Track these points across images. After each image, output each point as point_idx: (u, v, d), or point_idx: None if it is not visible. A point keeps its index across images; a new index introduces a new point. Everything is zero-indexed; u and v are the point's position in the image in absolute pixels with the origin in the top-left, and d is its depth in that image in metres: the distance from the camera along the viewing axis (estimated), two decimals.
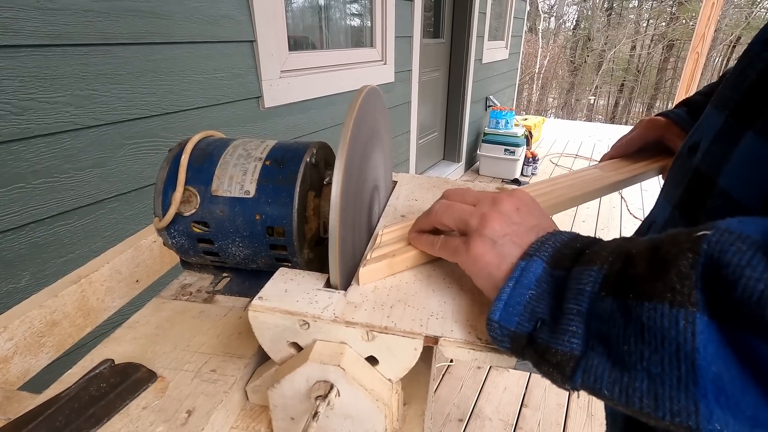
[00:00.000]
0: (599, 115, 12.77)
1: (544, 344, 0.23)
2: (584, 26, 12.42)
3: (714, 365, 0.18)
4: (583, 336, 0.22)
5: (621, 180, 0.49)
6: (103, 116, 0.88)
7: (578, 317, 0.23)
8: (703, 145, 0.35)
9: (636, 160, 0.54)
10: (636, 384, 0.20)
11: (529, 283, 0.25)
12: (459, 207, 0.31)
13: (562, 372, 0.23)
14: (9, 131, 0.73)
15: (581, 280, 0.23)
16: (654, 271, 0.21)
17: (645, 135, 0.54)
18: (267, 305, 0.29)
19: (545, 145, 4.75)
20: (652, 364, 0.20)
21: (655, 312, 0.20)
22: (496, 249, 0.27)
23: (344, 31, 1.86)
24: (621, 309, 0.21)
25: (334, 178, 0.29)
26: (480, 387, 1.50)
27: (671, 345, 0.19)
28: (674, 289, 0.20)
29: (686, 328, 0.19)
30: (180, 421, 0.28)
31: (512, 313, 0.25)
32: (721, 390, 0.18)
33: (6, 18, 0.70)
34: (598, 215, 2.97)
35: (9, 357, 0.38)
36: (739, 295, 0.18)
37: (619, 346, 0.21)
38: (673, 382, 0.19)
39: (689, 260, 0.20)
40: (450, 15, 3.01)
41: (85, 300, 0.46)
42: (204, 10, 1.05)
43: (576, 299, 0.23)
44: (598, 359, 0.22)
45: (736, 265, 0.18)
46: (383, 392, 0.28)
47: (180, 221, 0.38)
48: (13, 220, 0.77)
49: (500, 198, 0.30)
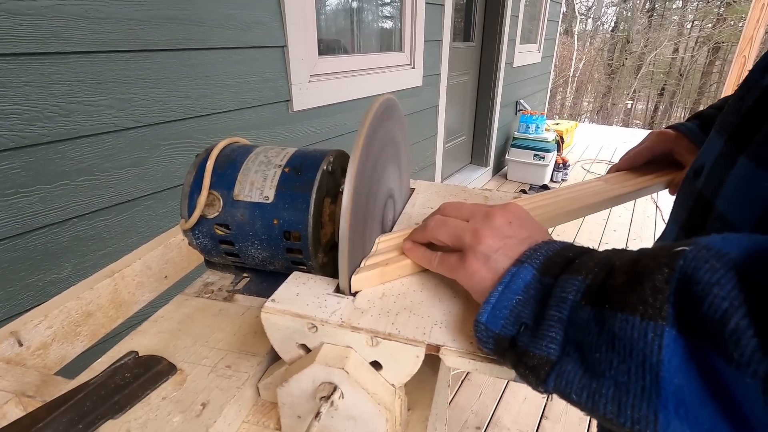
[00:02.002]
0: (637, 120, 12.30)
1: (524, 348, 0.24)
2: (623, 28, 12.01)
3: (677, 378, 0.19)
4: (560, 342, 0.23)
5: (624, 193, 0.48)
6: (141, 118, 0.93)
7: (558, 324, 0.24)
8: (706, 168, 0.35)
9: (643, 173, 0.53)
10: (603, 391, 0.21)
11: (517, 288, 0.26)
12: (453, 223, 0.32)
13: (537, 375, 0.24)
14: (57, 132, 0.79)
15: (565, 288, 0.24)
16: (630, 284, 0.22)
17: (653, 148, 0.53)
18: (279, 307, 0.30)
19: (577, 151, 4.62)
20: (619, 373, 0.21)
21: (627, 323, 0.21)
22: (489, 264, 0.28)
23: (373, 36, 1.88)
24: (597, 318, 0.22)
25: (345, 188, 0.30)
26: (499, 396, 1.48)
27: (638, 356, 0.20)
28: (646, 302, 0.20)
29: (654, 340, 0.20)
30: (195, 412, 0.30)
31: (498, 316, 0.26)
32: (681, 402, 0.19)
33: (58, 27, 0.76)
34: (631, 224, 2.87)
35: (48, 343, 0.42)
36: (704, 311, 0.18)
37: (592, 353, 0.22)
38: (637, 391, 0.20)
39: (665, 275, 0.20)
40: (481, 18, 2.99)
41: (117, 293, 0.49)
42: (238, 17, 1.10)
43: (558, 306, 0.24)
44: (571, 365, 0.23)
45: (706, 283, 0.19)
46: (385, 396, 0.29)
47: (204, 223, 0.40)
48: (58, 215, 0.82)
49: (492, 212, 0.31)
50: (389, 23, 1.92)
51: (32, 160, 0.77)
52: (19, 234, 0.77)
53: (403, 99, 1.97)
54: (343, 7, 1.67)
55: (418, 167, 2.30)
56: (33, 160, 0.77)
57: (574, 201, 0.47)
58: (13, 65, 0.72)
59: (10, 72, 0.71)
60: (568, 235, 2.69)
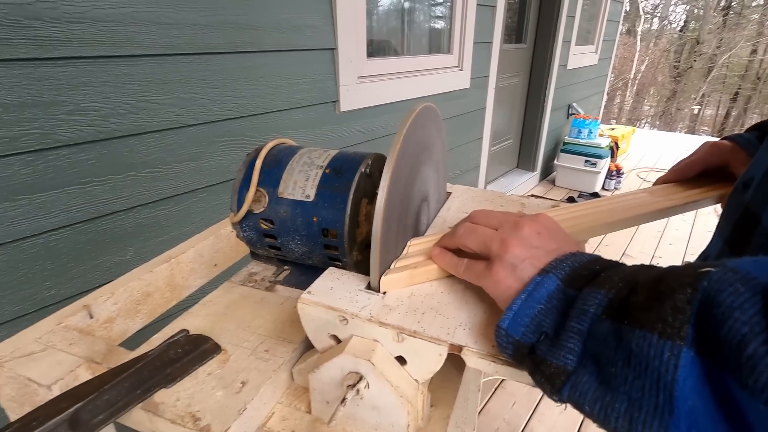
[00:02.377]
0: (705, 127, 11.42)
1: (542, 356, 0.25)
2: (693, 27, 11.18)
3: (691, 398, 0.19)
4: (578, 353, 0.24)
5: (670, 207, 0.46)
6: (200, 116, 1.00)
7: (578, 336, 0.24)
8: (755, 181, 0.33)
9: (693, 186, 0.50)
10: (615, 405, 0.21)
11: (540, 297, 0.27)
12: (482, 231, 0.32)
13: (552, 384, 0.24)
14: (127, 128, 0.87)
15: (587, 301, 0.25)
16: (651, 302, 0.22)
17: (706, 159, 0.50)
18: (313, 299, 0.33)
19: (633, 158, 4.38)
20: (633, 389, 0.21)
21: (644, 340, 0.21)
22: (516, 273, 0.29)
23: (421, 38, 1.89)
24: (615, 333, 0.22)
25: (379, 192, 0.32)
26: (534, 406, 1.45)
27: (653, 373, 0.20)
28: (665, 321, 0.20)
29: (669, 359, 0.20)
30: (235, 389, 0.33)
31: (520, 323, 0.26)
32: (694, 423, 0.19)
33: (132, 32, 0.84)
34: (690, 238, 2.68)
35: (113, 318, 0.47)
36: (723, 335, 0.18)
37: (608, 367, 0.22)
38: (650, 408, 0.20)
39: (687, 295, 0.20)
40: (535, 19, 2.91)
41: (173, 277, 0.54)
42: (292, 20, 1.15)
43: (579, 318, 0.24)
44: (587, 377, 0.23)
45: (728, 306, 0.19)
46: (408, 390, 0.31)
47: (251, 217, 0.44)
48: (124, 203, 0.90)
49: (521, 222, 0.31)
50: (438, 25, 1.92)
51: (106, 152, 0.85)
52: (91, 219, 0.86)
53: (449, 101, 1.96)
54: (393, 10, 1.70)
55: (461, 170, 2.29)
56: (106, 152, 0.85)
57: (613, 213, 0.46)
58: (93, 66, 0.80)
59: (90, 73, 0.80)
60: (618, 245, 2.56)
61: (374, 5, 1.60)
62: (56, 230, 0.82)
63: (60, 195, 0.80)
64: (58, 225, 0.82)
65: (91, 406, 0.29)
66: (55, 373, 0.36)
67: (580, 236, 0.42)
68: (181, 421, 0.30)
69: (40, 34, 0.72)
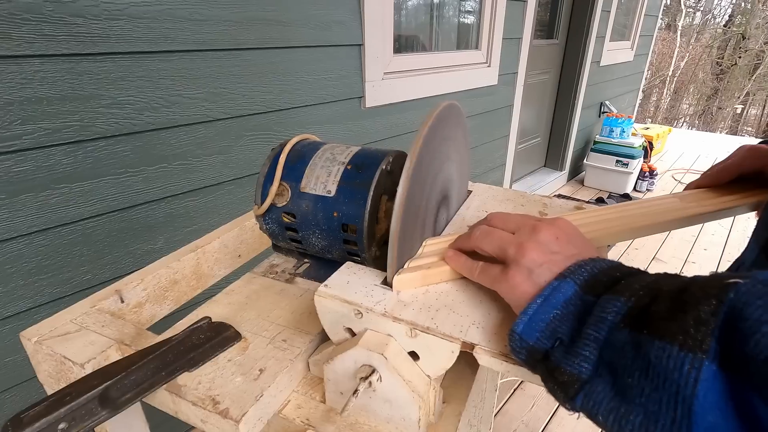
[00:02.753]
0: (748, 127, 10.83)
1: (556, 363, 0.24)
2: (739, 22, 10.59)
3: (711, 415, 0.18)
4: (594, 362, 0.23)
5: (700, 213, 0.44)
6: (229, 110, 1.02)
7: (594, 343, 0.23)
8: None
9: (727, 192, 0.47)
10: (630, 417, 0.21)
11: (557, 302, 0.26)
12: (499, 234, 0.32)
13: (565, 392, 0.24)
14: (161, 121, 0.90)
15: (606, 308, 0.24)
16: (673, 312, 0.21)
17: (742, 164, 0.47)
18: (330, 293, 0.34)
19: (669, 159, 4.21)
20: (650, 401, 0.20)
21: (663, 351, 0.20)
22: (532, 278, 0.28)
23: (449, 34, 1.87)
24: (633, 342, 0.22)
25: (398, 189, 0.33)
26: (554, 410, 1.42)
27: (672, 386, 0.20)
28: (687, 333, 0.20)
29: (690, 372, 0.19)
30: (253, 376, 0.34)
31: (535, 328, 0.26)
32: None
33: (167, 28, 0.87)
34: (726, 244, 2.56)
35: (142, 303, 0.49)
36: (750, 350, 0.18)
37: (624, 377, 0.22)
38: (666, 422, 0.20)
39: (712, 307, 0.20)
40: (567, 14, 2.83)
41: (199, 266, 0.56)
42: (320, 17, 1.16)
43: (596, 326, 0.24)
44: (602, 386, 0.23)
45: (756, 320, 0.18)
46: (420, 385, 0.31)
47: (274, 210, 0.45)
48: (156, 193, 0.94)
49: (539, 227, 0.30)
50: (467, 20, 1.89)
51: (140, 144, 0.88)
52: (125, 208, 0.90)
53: (476, 98, 1.94)
54: (420, 5, 1.68)
55: (486, 168, 2.26)
56: (141, 144, 0.89)
57: (640, 218, 0.45)
58: (130, 62, 0.83)
59: (127, 68, 0.83)
60: (648, 249, 2.48)
61: (402, 1, 1.59)
62: (93, 218, 0.86)
63: (97, 184, 0.84)
64: (95, 213, 0.86)
65: (120, 385, 0.30)
66: (88, 352, 0.38)
67: (605, 241, 0.41)
68: (201, 403, 0.32)
69: (81, 31, 0.75)
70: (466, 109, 2.05)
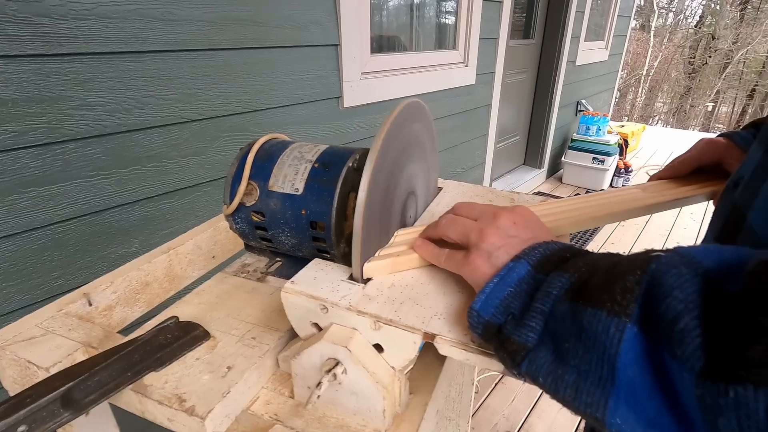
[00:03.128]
0: (720, 124, 11.20)
1: (507, 334, 0.26)
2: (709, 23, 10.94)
3: (630, 370, 0.21)
4: (539, 332, 0.25)
5: (659, 202, 0.47)
6: (204, 111, 1.01)
7: (540, 315, 0.26)
8: (744, 179, 0.34)
9: (686, 182, 0.50)
10: (565, 376, 0.23)
11: (511, 281, 0.28)
12: (462, 222, 0.34)
13: (513, 359, 0.26)
14: (132, 122, 0.89)
15: (552, 284, 0.26)
16: (604, 283, 0.23)
17: (700, 157, 0.51)
18: (296, 288, 0.34)
19: (643, 156, 4.32)
20: (582, 362, 0.23)
21: (594, 317, 0.22)
22: (491, 261, 0.30)
23: (426, 34, 1.89)
24: (572, 311, 0.24)
25: (360, 187, 0.33)
26: (534, 403, 1.45)
27: (600, 347, 0.22)
28: (615, 300, 0.22)
29: (615, 334, 0.21)
30: (221, 374, 0.34)
31: (490, 305, 0.28)
32: (632, 392, 0.21)
33: (138, 28, 0.85)
34: (698, 237, 2.65)
35: (112, 306, 0.49)
36: (662, 312, 0.20)
37: (563, 343, 0.24)
38: (594, 379, 0.22)
39: (636, 277, 0.22)
40: (543, 15, 2.88)
41: (171, 268, 0.55)
42: (296, 17, 1.16)
43: (543, 300, 0.26)
44: (544, 352, 0.25)
45: (669, 286, 0.20)
46: (384, 376, 0.32)
47: (243, 210, 0.45)
48: (130, 196, 0.93)
49: (499, 213, 0.33)
50: (443, 21, 1.91)
51: (112, 146, 0.87)
52: (97, 211, 0.88)
53: (454, 98, 1.96)
54: (397, 5, 1.70)
55: (466, 166, 2.28)
56: (112, 146, 0.87)
57: (602, 207, 0.47)
58: (100, 62, 0.82)
59: (96, 69, 0.82)
60: (625, 243, 2.54)
61: (379, 1, 1.60)
62: (64, 222, 0.84)
63: (67, 187, 0.83)
64: (66, 217, 0.84)
65: (83, 386, 0.30)
66: (54, 356, 0.38)
67: (568, 229, 0.43)
68: (168, 402, 0.32)
69: (48, 31, 0.74)
70: (445, 109, 2.05)
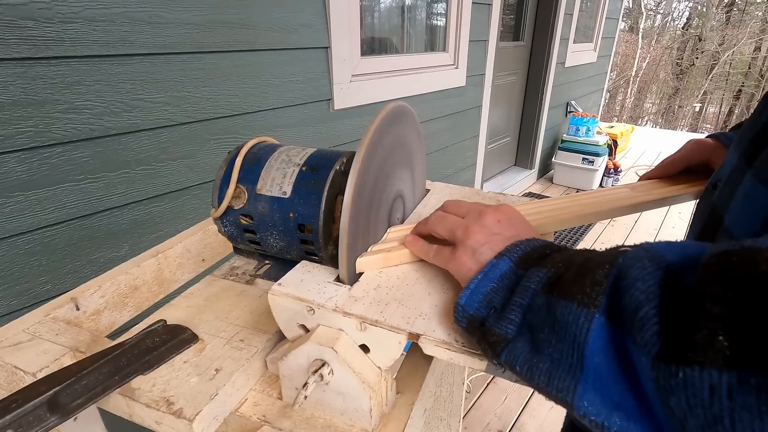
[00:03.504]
0: (707, 125, 11.37)
1: (489, 327, 0.27)
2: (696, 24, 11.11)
3: (597, 357, 0.22)
4: (518, 324, 0.27)
5: (647, 201, 0.48)
6: (194, 114, 1.01)
7: (519, 309, 0.27)
8: (721, 182, 0.35)
9: (674, 182, 0.52)
10: (540, 365, 0.24)
11: (494, 277, 0.29)
12: (450, 219, 0.35)
13: (493, 350, 0.27)
14: (121, 125, 0.89)
15: (531, 278, 0.27)
16: (576, 277, 0.25)
17: (689, 157, 0.52)
18: (283, 291, 0.34)
19: (632, 156, 4.38)
20: (555, 350, 0.24)
21: (566, 309, 0.24)
22: (476, 257, 0.32)
23: (416, 36, 1.90)
24: (547, 304, 0.25)
25: (346, 190, 0.34)
26: (525, 402, 1.47)
27: (570, 336, 0.23)
28: (584, 293, 0.23)
29: (584, 324, 0.23)
30: (209, 376, 0.35)
31: (474, 300, 0.29)
32: (598, 377, 0.22)
33: (125, 32, 0.85)
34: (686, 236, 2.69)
35: (100, 310, 0.49)
36: (626, 302, 0.21)
37: (538, 333, 0.25)
38: (565, 366, 0.23)
39: (605, 270, 0.23)
40: (532, 17, 2.91)
41: (160, 271, 0.55)
42: (286, 20, 1.16)
43: (522, 294, 0.27)
44: (522, 343, 0.26)
45: (632, 278, 0.21)
46: (371, 377, 0.32)
47: (231, 213, 0.45)
48: (119, 200, 0.92)
49: (485, 211, 0.34)
50: (434, 23, 1.93)
51: (100, 150, 0.87)
52: (86, 215, 0.88)
53: (445, 99, 1.97)
54: (388, 8, 1.71)
55: (457, 168, 2.30)
56: (100, 150, 0.87)
57: (589, 206, 0.47)
58: (87, 66, 0.81)
59: (84, 72, 0.81)
60: (613, 243, 2.57)
61: (369, 3, 1.61)
62: (51, 226, 0.83)
63: (55, 192, 0.82)
64: (54, 221, 0.83)
65: (70, 390, 0.30)
66: (41, 361, 0.38)
67: (555, 227, 0.44)
68: (155, 405, 0.32)
69: (33, 34, 0.73)
70: (435, 110, 2.06)
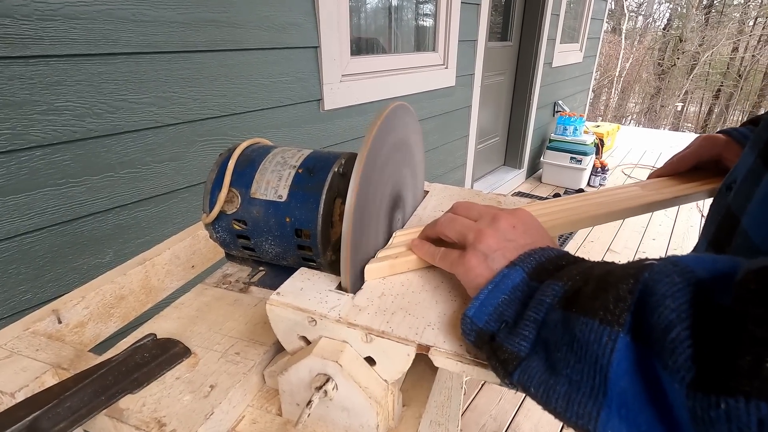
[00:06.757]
0: (688, 123, 11.61)
1: (500, 343, 0.26)
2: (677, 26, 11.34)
3: (623, 381, 0.20)
4: (532, 341, 0.25)
5: (660, 200, 0.46)
6: (180, 115, 0.98)
7: (533, 324, 0.25)
8: (737, 183, 0.34)
9: (685, 180, 0.50)
10: (557, 387, 0.22)
11: (505, 288, 0.28)
12: (461, 221, 0.33)
13: (505, 368, 0.25)
14: (104, 127, 0.85)
15: (546, 291, 0.25)
16: (598, 291, 0.23)
17: (699, 153, 0.50)
18: (282, 300, 0.32)
19: (618, 155, 4.44)
20: (574, 372, 0.22)
21: (586, 326, 0.22)
22: (486, 263, 0.30)
23: (406, 36, 1.89)
24: (564, 320, 0.23)
25: (348, 193, 0.32)
26: (520, 402, 1.46)
27: (592, 357, 0.21)
28: (607, 309, 0.21)
29: (607, 344, 0.21)
30: (203, 393, 0.33)
31: (484, 312, 0.27)
32: (623, 403, 0.20)
33: (108, 30, 0.82)
34: (672, 234, 2.73)
35: (84, 322, 0.46)
36: (654, 321, 0.19)
37: (555, 352, 0.23)
38: (586, 390, 0.21)
39: (629, 285, 0.21)
40: (520, 18, 2.93)
41: (148, 280, 0.53)
42: (274, 18, 1.14)
43: (536, 308, 0.25)
44: (537, 362, 0.24)
45: (662, 295, 0.20)
46: (377, 390, 0.31)
47: (223, 218, 0.43)
48: (102, 204, 0.89)
49: (500, 215, 0.32)
50: (423, 23, 1.92)
51: (82, 153, 0.83)
52: (68, 221, 0.84)
53: (435, 99, 1.96)
54: (377, 8, 1.69)
55: (448, 168, 2.29)
56: (82, 153, 0.83)
57: (601, 206, 0.46)
58: (67, 65, 0.78)
59: (64, 71, 0.78)
60: (603, 241, 2.60)
61: (358, 3, 1.59)
62: (31, 233, 0.80)
63: (35, 196, 0.78)
64: (34, 227, 0.80)
65: (52, 414, 0.28)
66: (20, 380, 0.35)
67: (566, 229, 0.42)
68: (146, 427, 0.30)
69: (10, 32, 0.70)
70: (425, 111, 2.05)
